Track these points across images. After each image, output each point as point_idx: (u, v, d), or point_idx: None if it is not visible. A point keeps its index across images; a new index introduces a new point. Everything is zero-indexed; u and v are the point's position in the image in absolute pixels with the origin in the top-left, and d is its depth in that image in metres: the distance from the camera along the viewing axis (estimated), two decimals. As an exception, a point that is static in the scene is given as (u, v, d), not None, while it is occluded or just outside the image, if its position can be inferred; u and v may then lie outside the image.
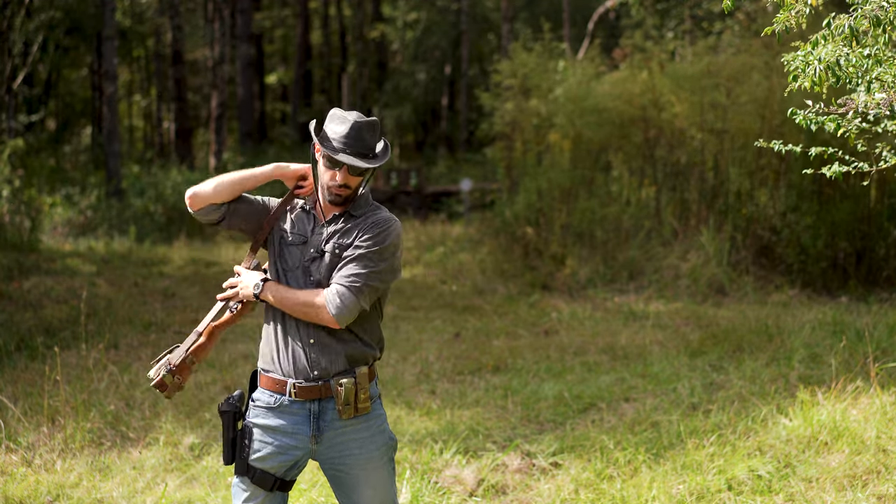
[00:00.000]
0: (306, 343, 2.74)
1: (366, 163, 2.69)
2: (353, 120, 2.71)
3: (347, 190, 2.75)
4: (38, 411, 5.17)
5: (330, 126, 2.74)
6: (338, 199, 2.75)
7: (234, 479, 2.79)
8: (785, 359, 6.41)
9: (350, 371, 2.76)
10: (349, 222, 2.79)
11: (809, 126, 3.32)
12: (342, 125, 2.71)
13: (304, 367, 2.74)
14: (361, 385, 2.75)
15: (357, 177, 2.74)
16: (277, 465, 2.75)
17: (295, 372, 2.74)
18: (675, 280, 9.85)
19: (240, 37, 22.08)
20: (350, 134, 2.69)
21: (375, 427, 2.81)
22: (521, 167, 12.49)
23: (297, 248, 2.80)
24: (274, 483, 2.75)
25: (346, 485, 2.81)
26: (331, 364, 2.74)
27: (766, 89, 10.16)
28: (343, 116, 2.73)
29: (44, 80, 24.63)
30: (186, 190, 2.90)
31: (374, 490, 2.80)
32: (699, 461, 4.46)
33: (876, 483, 4.10)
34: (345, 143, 2.69)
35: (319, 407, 2.75)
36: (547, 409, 5.67)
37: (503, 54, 17.51)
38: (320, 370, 2.74)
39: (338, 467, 2.79)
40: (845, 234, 9.82)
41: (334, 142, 2.70)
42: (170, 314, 8.69)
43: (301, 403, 2.74)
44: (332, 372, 2.74)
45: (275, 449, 2.75)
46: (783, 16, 3.02)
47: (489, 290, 10.28)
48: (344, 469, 2.79)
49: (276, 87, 34.67)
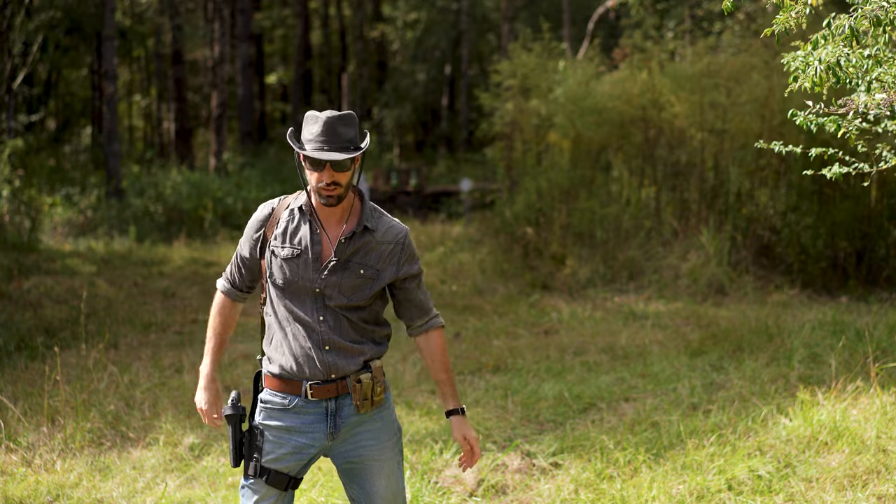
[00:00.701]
0: (321, 349, 2.73)
1: (346, 154, 2.66)
2: (325, 117, 2.69)
3: (338, 188, 2.70)
4: (38, 411, 5.17)
5: (305, 129, 2.72)
6: (331, 201, 2.71)
7: (244, 480, 2.78)
8: (785, 359, 6.41)
9: (366, 367, 2.77)
10: (367, 236, 2.78)
11: (810, 127, 3.32)
12: (315, 125, 2.69)
13: (320, 371, 2.73)
14: (378, 378, 2.77)
15: (344, 172, 2.70)
16: (293, 464, 2.75)
17: (310, 375, 2.74)
18: (675, 280, 9.85)
19: (240, 37, 22.08)
20: (324, 131, 2.67)
21: (387, 417, 2.84)
22: (521, 167, 12.48)
23: (292, 261, 2.76)
24: (288, 483, 2.76)
25: (360, 476, 2.81)
26: (348, 366, 2.75)
27: (766, 89, 10.15)
28: (315, 116, 2.71)
29: (44, 80, 24.63)
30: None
31: (387, 479, 2.82)
32: (699, 461, 4.46)
33: (876, 483, 4.11)
34: (322, 140, 2.66)
35: (336, 404, 2.75)
36: (547, 409, 5.67)
37: (503, 54, 17.51)
38: (337, 373, 2.74)
39: (352, 460, 2.80)
40: (845, 234, 9.82)
41: (312, 143, 2.67)
42: (170, 314, 8.69)
43: (317, 403, 2.74)
44: (349, 372, 2.75)
45: (290, 449, 2.74)
46: (783, 17, 3.02)
47: (489, 290, 10.28)
48: (358, 461, 2.80)
49: (276, 87, 34.68)
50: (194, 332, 7.91)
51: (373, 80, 28.60)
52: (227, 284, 2.96)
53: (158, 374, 6.45)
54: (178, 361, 6.79)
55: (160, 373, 6.48)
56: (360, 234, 2.77)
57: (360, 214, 2.79)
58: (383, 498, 2.82)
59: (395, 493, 2.84)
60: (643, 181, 11.43)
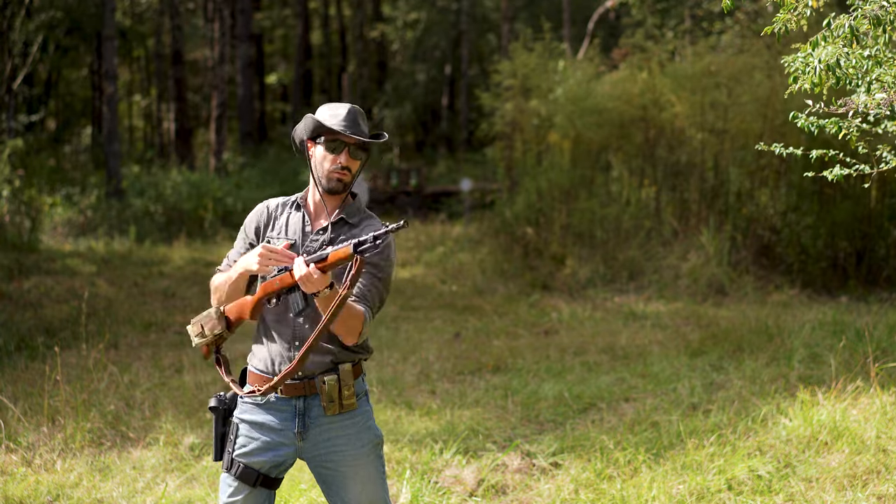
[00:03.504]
0: (292, 345, 2.77)
1: (366, 138, 2.75)
2: (349, 106, 2.78)
3: (348, 174, 2.78)
4: (38, 411, 5.17)
5: (325, 114, 2.78)
6: (339, 186, 2.77)
7: (222, 474, 2.81)
8: (785, 359, 6.41)
9: (334, 369, 2.78)
10: (344, 231, 2.80)
11: (811, 129, 3.32)
12: (340, 110, 2.77)
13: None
14: (345, 382, 2.77)
15: (357, 161, 2.79)
16: (263, 460, 2.77)
17: (281, 370, 2.76)
18: (675, 280, 9.85)
19: (240, 37, 22.07)
20: (349, 117, 2.75)
21: (361, 423, 2.83)
22: (521, 167, 12.49)
23: (290, 250, 2.78)
24: (257, 478, 2.76)
25: (334, 482, 2.82)
26: (315, 366, 2.76)
27: (768, 89, 10.16)
28: (337, 105, 2.79)
29: (44, 80, 24.63)
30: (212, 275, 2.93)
31: (362, 486, 2.81)
32: (699, 461, 4.46)
33: (876, 483, 4.11)
34: (345, 125, 2.74)
35: (305, 404, 2.77)
36: (547, 409, 5.67)
37: (503, 54, 17.50)
38: (304, 371, 2.76)
39: (325, 464, 2.81)
40: (845, 234, 9.82)
41: (336, 125, 2.74)
42: (170, 314, 8.69)
43: (287, 400, 2.77)
44: (317, 372, 2.77)
45: (261, 444, 2.77)
46: (783, 16, 3.02)
47: (489, 290, 10.28)
48: (331, 466, 2.80)
49: (276, 87, 34.66)
50: (194, 332, 7.90)
51: (373, 80, 28.59)
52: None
53: (158, 374, 6.45)
54: (178, 361, 6.79)
55: (160, 373, 6.49)
56: (338, 225, 2.81)
57: (343, 210, 2.83)
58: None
59: (373, 500, 2.82)
60: (643, 181, 11.43)
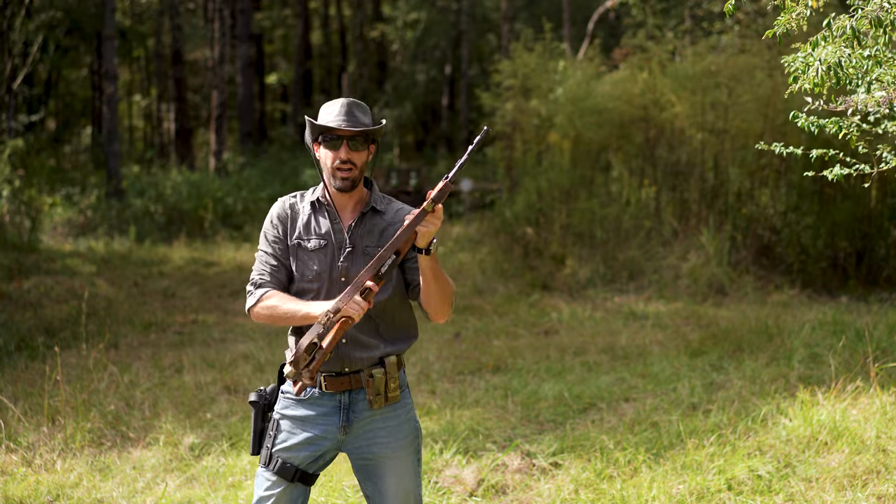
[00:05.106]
0: (339, 342, 2.74)
1: (363, 127, 2.72)
2: (343, 99, 2.77)
3: (353, 169, 2.74)
4: (38, 411, 5.17)
5: (322, 114, 2.78)
6: (346, 184, 2.74)
7: (259, 468, 2.82)
8: (785, 359, 6.41)
9: (380, 363, 2.78)
10: (376, 220, 2.80)
11: (811, 129, 3.32)
12: (334, 106, 2.76)
13: (336, 363, 2.75)
14: (391, 374, 2.77)
15: (359, 153, 2.74)
16: (303, 456, 2.77)
17: (325, 367, 2.75)
18: (675, 280, 9.85)
19: (240, 37, 22.07)
20: (342, 111, 2.73)
21: (403, 415, 2.83)
22: (521, 167, 12.49)
23: (320, 252, 2.78)
24: (294, 474, 2.76)
25: (372, 473, 2.82)
26: (363, 361, 2.76)
27: (768, 88, 10.16)
28: (332, 101, 2.79)
29: (44, 80, 24.64)
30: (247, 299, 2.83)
31: (398, 478, 2.82)
32: (699, 461, 4.46)
33: (876, 483, 4.11)
34: (340, 119, 2.72)
35: (349, 398, 2.77)
36: (547, 409, 5.67)
37: (503, 54, 17.51)
38: (351, 366, 2.76)
39: (365, 456, 2.81)
40: (845, 234, 9.82)
41: (331, 122, 2.73)
42: (170, 314, 8.69)
43: (331, 395, 2.77)
44: (363, 366, 2.77)
45: (302, 439, 2.77)
46: (784, 18, 3.02)
47: (489, 290, 10.28)
48: (371, 457, 2.80)
49: (276, 87, 34.64)
50: (194, 333, 7.91)
51: (373, 80, 28.56)
52: (269, 279, 2.81)
53: (158, 374, 6.45)
54: (178, 361, 6.79)
55: (160, 373, 6.48)
56: (370, 216, 2.80)
57: (368, 199, 2.82)
58: (395, 496, 2.82)
59: (407, 493, 2.84)
60: (643, 181, 11.43)
